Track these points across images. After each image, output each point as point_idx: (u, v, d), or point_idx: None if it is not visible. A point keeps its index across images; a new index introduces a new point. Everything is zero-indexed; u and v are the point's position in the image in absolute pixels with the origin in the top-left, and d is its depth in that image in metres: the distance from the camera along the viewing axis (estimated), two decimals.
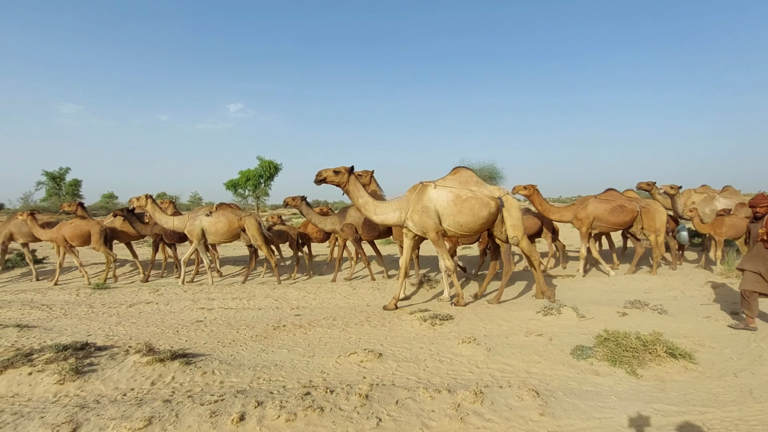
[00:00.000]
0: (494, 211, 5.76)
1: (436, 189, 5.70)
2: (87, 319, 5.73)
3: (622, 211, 7.90)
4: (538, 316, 5.10)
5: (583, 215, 7.94)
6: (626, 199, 8.11)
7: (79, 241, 8.58)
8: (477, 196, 5.66)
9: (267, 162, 35.53)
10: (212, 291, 7.33)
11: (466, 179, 5.87)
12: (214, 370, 3.80)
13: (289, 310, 6.07)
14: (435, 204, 5.62)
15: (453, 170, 6.06)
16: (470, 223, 5.67)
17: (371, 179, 7.36)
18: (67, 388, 3.47)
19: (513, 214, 5.81)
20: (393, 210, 5.74)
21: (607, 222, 7.96)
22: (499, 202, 5.80)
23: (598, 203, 8.00)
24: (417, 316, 5.18)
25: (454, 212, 5.60)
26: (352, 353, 4.07)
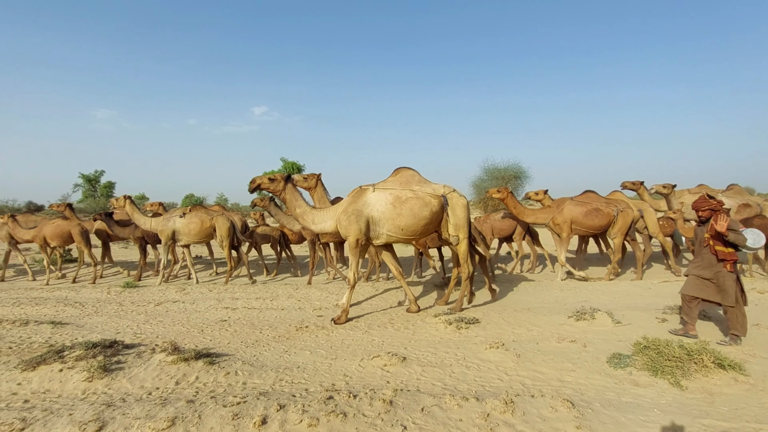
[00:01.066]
0: (437, 210, 5.40)
1: (374, 192, 5.40)
2: (117, 317, 5.86)
3: (598, 214, 7.54)
4: (570, 321, 4.86)
5: (560, 219, 7.61)
6: (603, 201, 7.74)
7: (59, 241, 8.77)
8: (418, 196, 5.32)
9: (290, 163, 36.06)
10: (236, 291, 7.39)
11: (408, 179, 5.55)
12: (237, 370, 3.78)
13: (311, 311, 6.04)
14: (371, 209, 5.32)
15: (395, 171, 5.71)
16: (412, 226, 5.32)
17: (317, 183, 6.87)
18: (95, 385, 3.52)
19: (457, 213, 5.46)
20: (330, 218, 5.50)
21: (582, 225, 7.60)
22: (443, 201, 5.43)
23: (574, 206, 7.66)
24: (442, 319, 5.04)
25: (394, 215, 5.28)
26: (376, 356, 3.97)
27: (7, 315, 5.89)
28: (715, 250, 4.39)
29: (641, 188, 9.02)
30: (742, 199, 8.54)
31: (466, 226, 5.52)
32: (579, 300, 6.34)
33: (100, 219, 8.80)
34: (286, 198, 5.59)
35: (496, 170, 20.94)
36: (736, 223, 4.42)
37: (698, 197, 4.72)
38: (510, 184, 20.41)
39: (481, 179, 21.24)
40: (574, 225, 7.61)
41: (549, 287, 7.16)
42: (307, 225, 5.61)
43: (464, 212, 5.50)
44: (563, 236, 7.62)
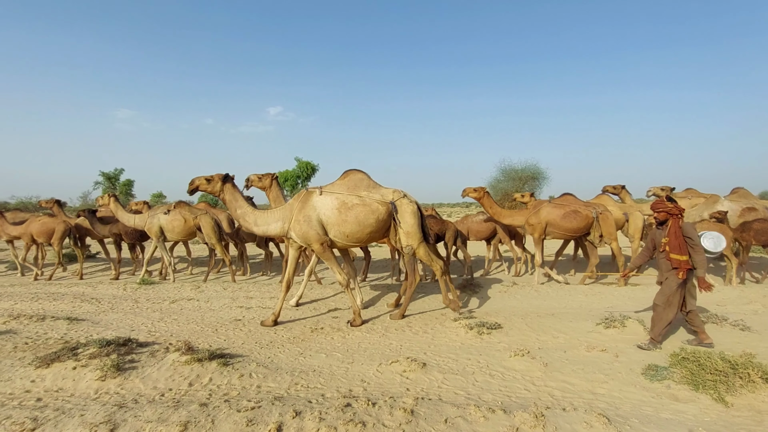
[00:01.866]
0: (384, 217, 5.20)
1: (321, 196, 5.22)
2: (132, 314, 5.83)
3: (576, 216, 7.35)
4: (599, 329, 4.61)
5: (535, 221, 7.46)
6: (582, 204, 7.57)
7: (45, 238, 8.87)
8: (365, 203, 5.13)
9: (304, 163, 36.16)
10: (251, 289, 7.31)
11: (356, 183, 5.35)
12: (252, 372, 3.66)
13: (326, 312, 5.90)
14: (318, 212, 5.13)
15: (343, 173, 5.51)
16: (357, 233, 5.13)
17: (272, 183, 6.72)
18: (108, 385, 3.44)
19: (407, 219, 5.19)
20: (275, 220, 5.28)
21: (559, 228, 7.43)
22: (391, 207, 5.20)
23: (552, 208, 7.50)
24: (462, 323, 4.84)
25: (339, 221, 5.09)
26: (394, 361, 3.80)
27: (25, 310, 5.92)
28: (669, 256, 4.21)
29: (623, 192, 8.87)
30: (747, 203, 8.15)
31: (419, 232, 5.26)
32: (605, 306, 6.06)
33: (84, 216, 8.89)
34: (226, 198, 5.38)
35: (513, 171, 20.58)
36: (691, 228, 4.21)
37: (656, 200, 4.54)
38: (528, 185, 20.02)
39: (498, 180, 20.90)
40: (552, 227, 7.47)
41: (572, 292, 6.88)
42: (248, 227, 5.40)
43: (414, 218, 5.22)
44: (535, 237, 7.52)
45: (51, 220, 9.00)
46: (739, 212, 7.95)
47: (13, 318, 5.32)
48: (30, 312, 5.76)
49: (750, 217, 7.67)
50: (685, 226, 4.19)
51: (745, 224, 7.45)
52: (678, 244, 4.16)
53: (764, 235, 7.33)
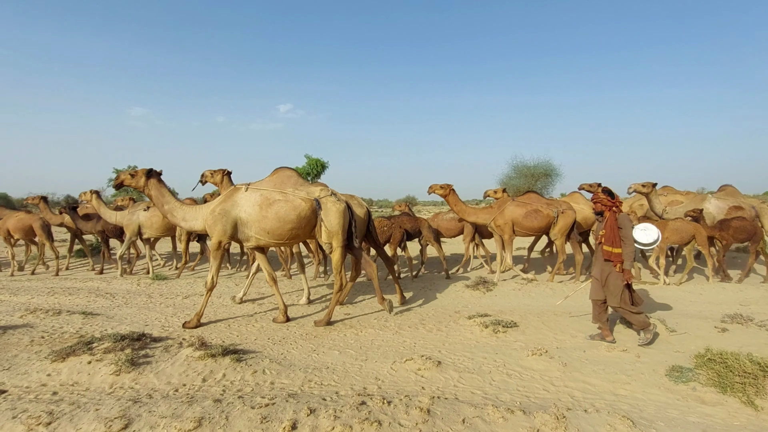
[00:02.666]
0: (307, 214, 5.05)
1: (246, 192, 5.12)
2: (146, 309, 5.86)
3: (537, 215, 7.33)
4: (619, 328, 4.49)
5: (501, 221, 7.41)
6: (544, 203, 7.54)
7: (22, 234, 8.93)
8: (288, 199, 5.02)
9: (314, 160, 36.21)
10: (263, 285, 7.31)
11: (283, 180, 5.25)
12: (265, 369, 3.63)
13: (338, 308, 5.86)
14: (239, 209, 5.03)
15: (273, 170, 5.45)
16: (277, 230, 5.00)
17: (224, 178, 6.74)
18: (122, 379, 3.44)
19: (331, 218, 5.07)
20: (202, 216, 5.22)
21: (522, 227, 7.38)
22: (315, 205, 5.07)
23: (515, 207, 7.46)
24: (477, 321, 4.76)
25: (260, 218, 4.99)
26: (408, 359, 3.74)
27: (41, 304, 5.99)
28: (603, 248, 4.21)
29: (598, 190, 8.75)
30: (734, 201, 7.96)
31: (341, 234, 5.11)
32: None
33: (66, 212, 8.92)
34: (152, 194, 5.30)
35: (525, 168, 20.29)
36: (625, 220, 4.14)
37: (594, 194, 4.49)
38: (540, 182, 19.76)
39: (510, 177, 20.65)
40: (516, 227, 7.42)
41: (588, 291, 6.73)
42: (177, 222, 5.35)
43: (339, 218, 5.07)
44: (505, 238, 7.45)
45: (27, 216, 9.07)
46: (726, 210, 7.80)
47: (30, 312, 5.38)
48: (46, 306, 5.83)
49: (736, 215, 7.54)
50: (621, 217, 4.17)
51: (724, 222, 7.31)
52: (612, 236, 4.15)
53: (743, 233, 7.19)
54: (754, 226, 7.26)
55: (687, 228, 7.07)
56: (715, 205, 7.97)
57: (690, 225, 7.11)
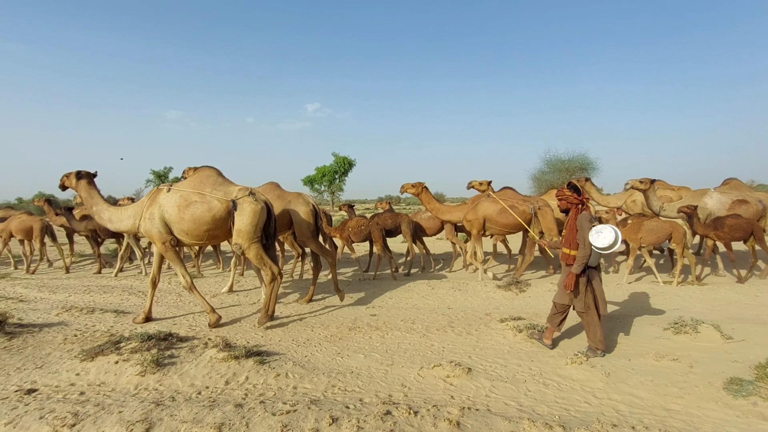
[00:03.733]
0: (223, 215, 4.93)
1: (168, 193, 5.07)
2: (175, 307, 5.93)
3: (513, 211, 7.04)
4: (668, 335, 4.11)
5: (472, 217, 7.22)
6: (520, 199, 7.29)
7: (23, 235, 9.30)
8: (204, 200, 4.93)
9: (342, 158, 36.47)
10: (288, 284, 7.28)
11: (203, 180, 5.15)
12: (288, 372, 3.53)
13: (364, 309, 5.73)
14: (162, 210, 5.00)
15: (196, 170, 5.39)
16: (194, 230, 4.95)
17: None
18: (147, 380, 3.43)
19: (243, 218, 4.91)
20: (128, 217, 5.19)
21: (497, 224, 7.16)
22: (231, 205, 4.92)
23: (489, 203, 7.22)
24: (510, 325, 4.49)
25: (178, 219, 4.94)
26: (436, 365, 3.54)
27: (77, 302, 6.18)
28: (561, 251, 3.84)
29: (587, 184, 8.71)
30: (738, 195, 7.39)
31: (252, 233, 4.94)
32: (671, 307, 5.47)
33: (61, 213, 9.21)
34: (82, 195, 5.36)
35: (559, 161, 19.49)
36: (584, 220, 3.73)
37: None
38: (575, 176, 18.92)
39: (543, 171, 19.92)
40: (490, 224, 7.21)
41: (633, 291, 6.29)
42: (104, 224, 5.38)
43: (251, 218, 4.92)
44: (473, 234, 7.28)
45: (29, 218, 9.48)
46: (729, 205, 7.26)
47: (65, 310, 5.55)
48: (81, 304, 6.00)
49: (740, 210, 7.09)
50: (580, 218, 3.74)
51: (718, 220, 6.83)
52: (570, 237, 3.78)
53: (739, 231, 6.64)
54: (750, 224, 6.73)
55: (663, 227, 6.66)
56: (716, 199, 7.42)
57: (666, 224, 6.70)
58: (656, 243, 6.77)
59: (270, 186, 6.34)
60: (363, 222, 7.89)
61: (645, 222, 6.82)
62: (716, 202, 7.41)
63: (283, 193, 6.27)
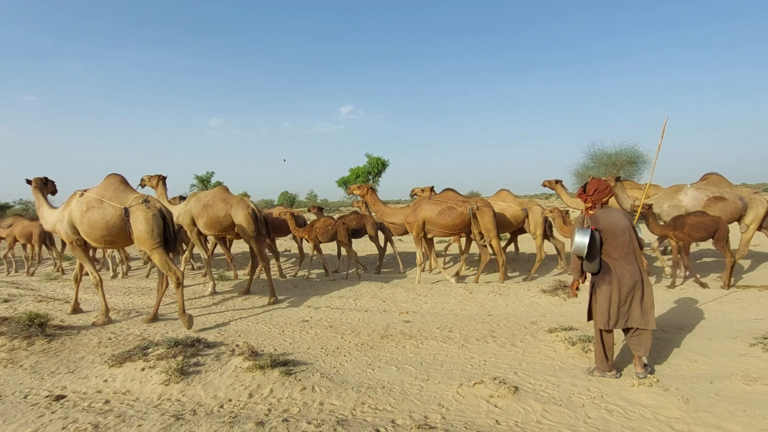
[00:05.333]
0: (115, 222, 5.06)
1: (79, 198, 5.29)
2: (206, 311, 5.88)
3: (451, 213, 7.06)
4: (756, 351, 3.48)
5: (413, 219, 7.24)
6: (460, 200, 7.25)
7: (25, 239, 9.87)
8: (101, 206, 5.11)
9: (375, 159, 36.43)
10: (320, 287, 7.10)
11: (106, 187, 5.30)
12: (314, 385, 3.27)
13: (397, 315, 5.40)
14: (71, 213, 5.25)
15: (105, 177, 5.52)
16: (91, 234, 5.14)
17: (159, 183, 7.16)
18: (171, 390, 3.29)
19: (137, 225, 5.01)
20: (56, 219, 5.50)
21: (437, 225, 7.15)
22: (123, 212, 5.03)
23: (430, 205, 7.22)
24: (560, 336, 4.01)
25: (79, 222, 5.17)
26: (478, 382, 3.16)
27: (117, 304, 6.29)
28: None
29: (557, 186, 8.78)
30: (715, 192, 6.87)
31: (149, 239, 4.99)
32: (749, 317, 4.74)
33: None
34: (34, 198, 5.91)
35: (604, 155, 18.20)
36: (576, 222, 3.40)
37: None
38: (623, 171, 17.60)
39: (587, 167, 18.68)
40: (430, 225, 7.20)
41: (699, 297, 5.56)
42: (44, 225, 5.76)
43: (145, 225, 4.99)
44: (414, 236, 7.31)
45: (30, 223, 10.08)
46: (704, 202, 6.76)
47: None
48: (120, 306, 6.10)
49: (716, 208, 6.61)
50: (576, 220, 3.45)
51: (678, 219, 6.33)
52: None
53: (701, 231, 6.10)
54: (716, 222, 6.07)
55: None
56: (692, 196, 6.92)
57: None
58: None
59: (219, 190, 6.87)
60: (330, 222, 8.12)
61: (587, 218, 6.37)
62: (691, 199, 6.93)
63: (228, 196, 6.72)
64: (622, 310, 3.15)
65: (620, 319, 3.17)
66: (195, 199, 6.81)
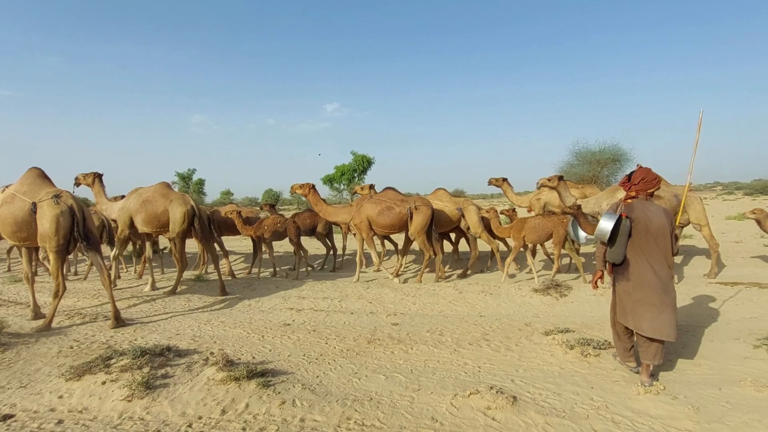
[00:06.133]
0: (24, 217, 4.85)
1: (2, 192, 5.11)
2: (181, 314, 5.50)
3: (389, 213, 7.12)
4: (761, 354, 3.33)
5: (358, 219, 7.27)
6: (399, 199, 7.30)
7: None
8: (14, 201, 4.92)
9: (360, 156, 36.06)
10: (304, 288, 6.78)
11: (23, 181, 5.13)
12: (295, 399, 2.98)
13: (385, 317, 5.14)
14: None
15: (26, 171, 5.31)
16: (5, 231, 4.96)
17: (95, 181, 6.99)
18: (133, 407, 2.94)
19: (43, 222, 4.78)
20: None
21: (378, 225, 7.22)
22: (31, 207, 4.83)
23: (371, 204, 7.28)
24: (557, 339, 3.81)
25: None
26: (473, 393, 2.91)
27: (85, 308, 5.85)
28: None
29: (504, 184, 9.03)
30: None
31: (54, 238, 4.75)
32: (744, 315, 4.64)
33: None
34: None
35: (588, 153, 18.25)
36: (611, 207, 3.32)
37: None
38: (607, 168, 17.70)
39: (571, 164, 18.72)
40: (372, 225, 7.24)
41: (695, 294, 5.45)
42: None
43: (50, 222, 4.75)
44: (363, 236, 7.32)
45: None
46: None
47: (69, 317, 5.22)
48: (87, 311, 5.67)
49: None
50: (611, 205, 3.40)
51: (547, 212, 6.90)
52: None
53: (535, 233, 6.57)
54: (553, 224, 6.55)
55: (545, 226, 6.60)
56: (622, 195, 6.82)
57: (548, 223, 6.63)
58: (538, 241, 6.77)
59: (160, 185, 6.69)
60: (279, 221, 8.02)
61: (528, 220, 6.79)
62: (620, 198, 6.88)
63: (169, 192, 6.58)
64: (636, 309, 3.00)
65: (629, 317, 3.04)
66: (135, 195, 6.67)
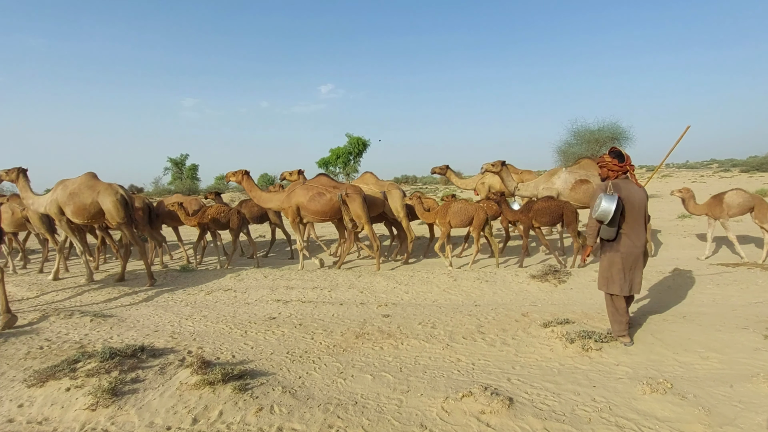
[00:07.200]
0: None
1: None
2: (163, 308, 5.25)
3: (321, 199, 7.07)
4: None
5: (287, 204, 7.25)
6: (331, 185, 7.28)
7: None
8: None
9: (355, 139, 35.55)
10: (293, 278, 6.54)
11: None
12: (274, 405, 2.75)
13: (376, 308, 4.91)
14: None
15: None
16: None
17: (19, 176, 6.75)
18: (97, 416, 2.71)
19: None
20: None
21: (308, 211, 7.17)
22: None
23: (302, 190, 7.22)
24: (556, 331, 3.58)
25: None
26: (466, 395, 2.69)
27: (62, 303, 5.59)
28: None
29: (448, 171, 9.14)
30: (583, 175, 7.22)
31: None
32: (749, 300, 4.45)
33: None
34: None
35: (587, 132, 17.89)
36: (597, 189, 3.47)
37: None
38: (606, 147, 17.39)
39: (569, 144, 18.38)
40: (303, 211, 7.21)
41: (695, 280, 5.24)
42: None
43: None
44: (290, 221, 7.32)
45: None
46: (572, 184, 7.15)
47: (44, 314, 4.95)
48: (66, 305, 5.41)
49: (580, 190, 7.04)
50: (598, 185, 3.54)
51: (526, 205, 6.77)
52: None
53: (545, 216, 6.48)
54: (560, 207, 6.51)
55: (467, 210, 6.70)
56: (563, 179, 7.28)
57: (471, 207, 6.74)
58: (461, 225, 6.77)
59: (86, 177, 6.52)
60: (224, 209, 7.86)
61: (452, 205, 6.80)
62: (563, 181, 7.24)
63: (96, 183, 6.43)
64: (628, 277, 3.35)
65: (625, 285, 3.35)
66: (62, 187, 6.47)
